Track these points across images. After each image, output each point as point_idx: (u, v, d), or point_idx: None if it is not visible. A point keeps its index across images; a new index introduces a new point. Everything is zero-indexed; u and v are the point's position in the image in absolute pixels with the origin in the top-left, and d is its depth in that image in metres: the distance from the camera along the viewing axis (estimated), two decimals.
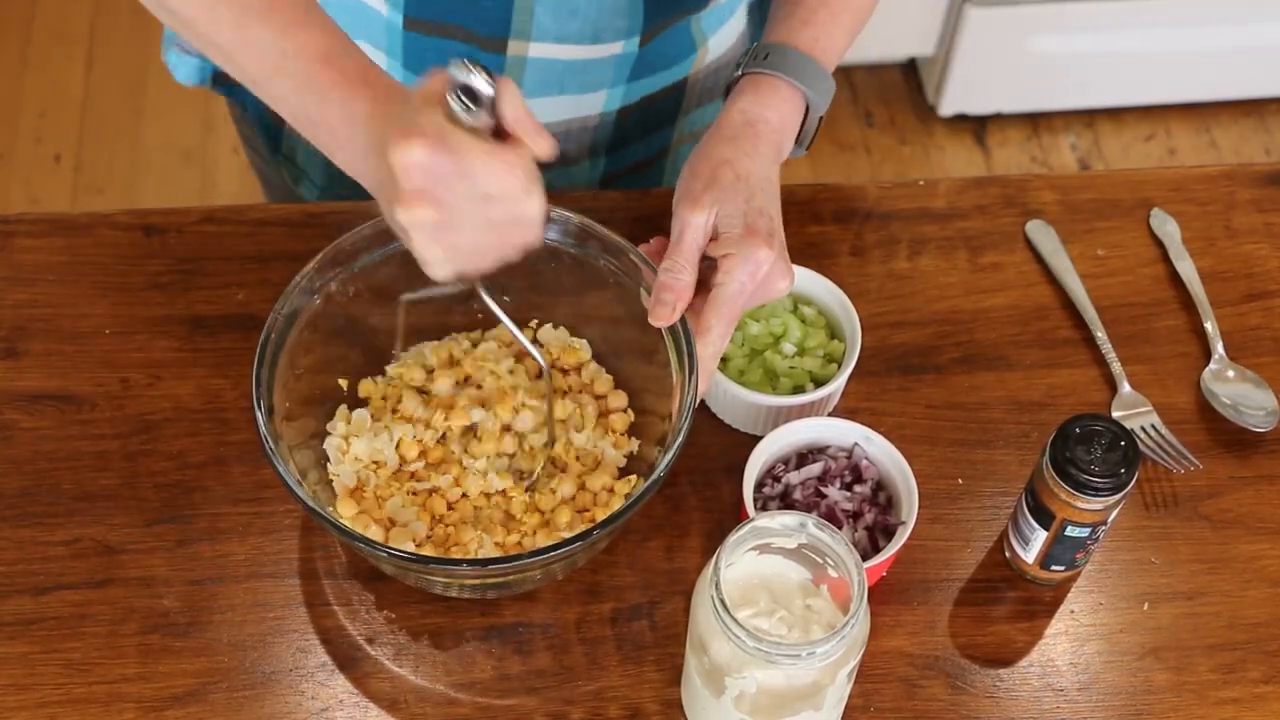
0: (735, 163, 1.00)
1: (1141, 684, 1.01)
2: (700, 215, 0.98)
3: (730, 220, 0.98)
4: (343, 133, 0.91)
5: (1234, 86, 2.56)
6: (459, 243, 0.87)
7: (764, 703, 0.88)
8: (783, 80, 1.04)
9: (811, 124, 1.07)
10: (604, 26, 1.13)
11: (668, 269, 0.98)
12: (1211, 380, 1.14)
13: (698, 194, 0.99)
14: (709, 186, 0.99)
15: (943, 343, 1.16)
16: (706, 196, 0.98)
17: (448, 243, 0.87)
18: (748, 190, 0.99)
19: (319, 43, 0.92)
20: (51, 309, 1.14)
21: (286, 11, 0.92)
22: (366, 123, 0.89)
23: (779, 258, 0.98)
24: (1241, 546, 1.07)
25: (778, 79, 1.04)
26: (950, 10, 2.39)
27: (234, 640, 1.00)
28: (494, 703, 0.98)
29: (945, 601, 1.04)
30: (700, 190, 0.99)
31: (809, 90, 1.05)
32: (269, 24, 0.92)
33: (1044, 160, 2.53)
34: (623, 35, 1.14)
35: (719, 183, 0.99)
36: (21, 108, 2.51)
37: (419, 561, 0.94)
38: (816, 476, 1.04)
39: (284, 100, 0.94)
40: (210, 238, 1.17)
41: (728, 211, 0.98)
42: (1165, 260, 1.21)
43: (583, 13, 1.11)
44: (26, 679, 0.98)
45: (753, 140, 1.02)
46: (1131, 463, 0.95)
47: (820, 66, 1.06)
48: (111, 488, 1.06)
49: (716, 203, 0.98)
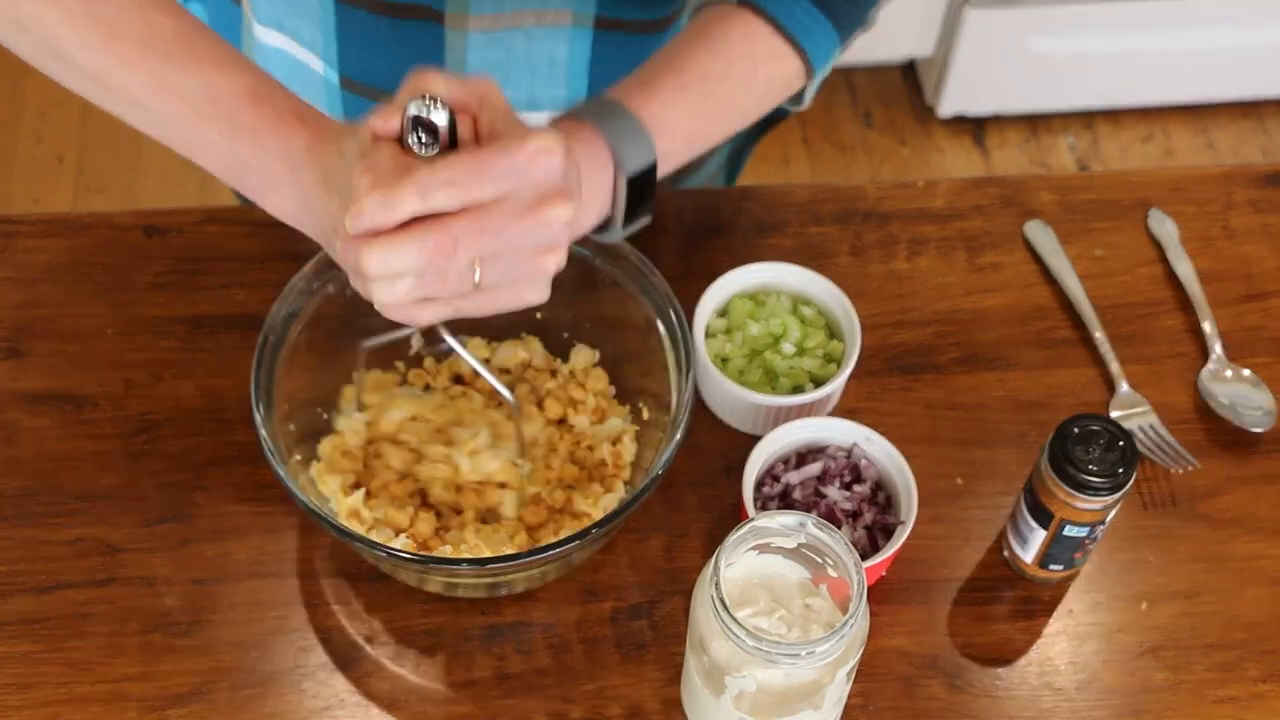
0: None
1: (1140, 683, 1.01)
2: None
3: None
4: (280, 172, 0.87)
5: (1232, 88, 2.56)
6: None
7: (764, 702, 0.88)
8: (587, 124, 0.91)
9: (622, 189, 0.92)
10: (540, 95, 1.10)
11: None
12: (1209, 380, 1.14)
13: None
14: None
15: (942, 343, 1.16)
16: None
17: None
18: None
19: (245, 83, 0.88)
20: (53, 309, 1.14)
21: (206, 57, 0.88)
22: (306, 158, 0.86)
23: (565, 178, 0.83)
24: (1239, 546, 1.07)
25: (581, 122, 0.91)
26: (949, 11, 2.39)
27: (235, 639, 1.00)
28: (494, 702, 0.98)
29: (944, 601, 1.04)
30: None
31: (612, 138, 0.91)
32: (188, 68, 0.88)
33: (1043, 161, 2.53)
34: (561, 105, 1.10)
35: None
36: (23, 108, 2.51)
37: (418, 561, 0.95)
38: (816, 476, 1.04)
39: (212, 146, 0.88)
40: (211, 238, 1.18)
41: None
42: (1163, 260, 1.21)
43: (515, 79, 1.08)
44: (29, 678, 0.98)
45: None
46: (1130, 462, 0.96)
47: (639, 124, 0.92)
48: (113, 487, 1.06)
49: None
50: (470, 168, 0.80)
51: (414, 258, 0.80)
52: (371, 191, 0.79)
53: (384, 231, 0.80)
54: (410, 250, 0.80)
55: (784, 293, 1.13)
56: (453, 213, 0.80)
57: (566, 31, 1.07)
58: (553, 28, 1.06)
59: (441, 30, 1.05)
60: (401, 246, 0.80)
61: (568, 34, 1.07)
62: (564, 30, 1.07)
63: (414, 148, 0.80)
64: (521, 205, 0.81)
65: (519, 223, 0.81)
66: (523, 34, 1.06)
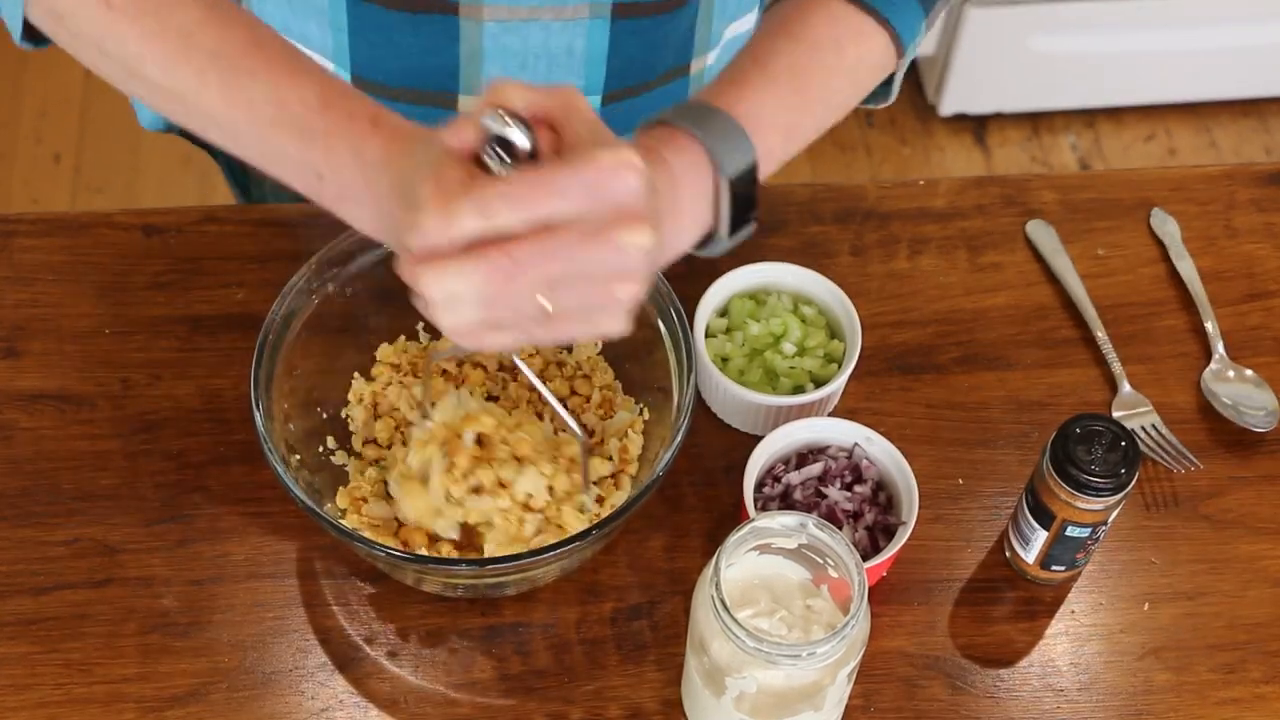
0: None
1: (1142, 684, 1.01)
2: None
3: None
4: (354, 181, 0.83)
5: (1234, 86, 2.56)
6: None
7: (764, 703, 0.88)
8: (680, 129, 0.87)
9: (725, 195, 0.88)
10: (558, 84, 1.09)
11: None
12: (1212, 380, 1.14)
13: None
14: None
15: (943, 342, 1.16)
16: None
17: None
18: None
19: (315, 88, 0.85)
20: (51, 309, 1.14)
21: (276, 63, 0.85)
22: (380, 164, 0.82)
23: (646, 196, 0.76)
24: (1242, 546, 1.07)
25: (674, 127, 0.88)
26: (950, 10, 2.39)
27: (234, 640, 1.00)
28: (494, 703, 0.98)
29: (945, 601, 1.04)
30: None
31: (708, 140, 0.87)
32: (258, 77, 0.85)
33: (1044, 160, 2.53)
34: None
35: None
36: (21, 107, 2.51)
37: (416, 561, 0.94)
38: (817, 476, 1.04)
39: (286, 158, 0.85)
40: (210, 238, 1.17)
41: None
42: (1165, 260, 1.21)
43: (532, 69, 1.06)
44: (26, 679, 0.98)
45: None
46: (1132, 463, 0.95)
47: (734, 123, 0.88)
48: (111, 487, 1.06)
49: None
50: (535, 183, 0.73)
51: (472, 281, 0.74)
52: (431, 206, 0.74)
53: (444, 252, 0.74)
54: (467, 272, 0.74)
55: (784, 292, 1.13)
56: (518, 234, 0.74)
57: (584, 23, 1.06)
58: (571, 20, 1.05)
59: (456, 22, 1.04)
60: (459, 269, 0.74)
61: (585, 25, 1.06)
62: (582, 22, 1.05)
63: (491, 165, 0.75)
64: (593, 228, 0.74)
65: (589, 247, 0.74)
66: (540, 25, 1.04)
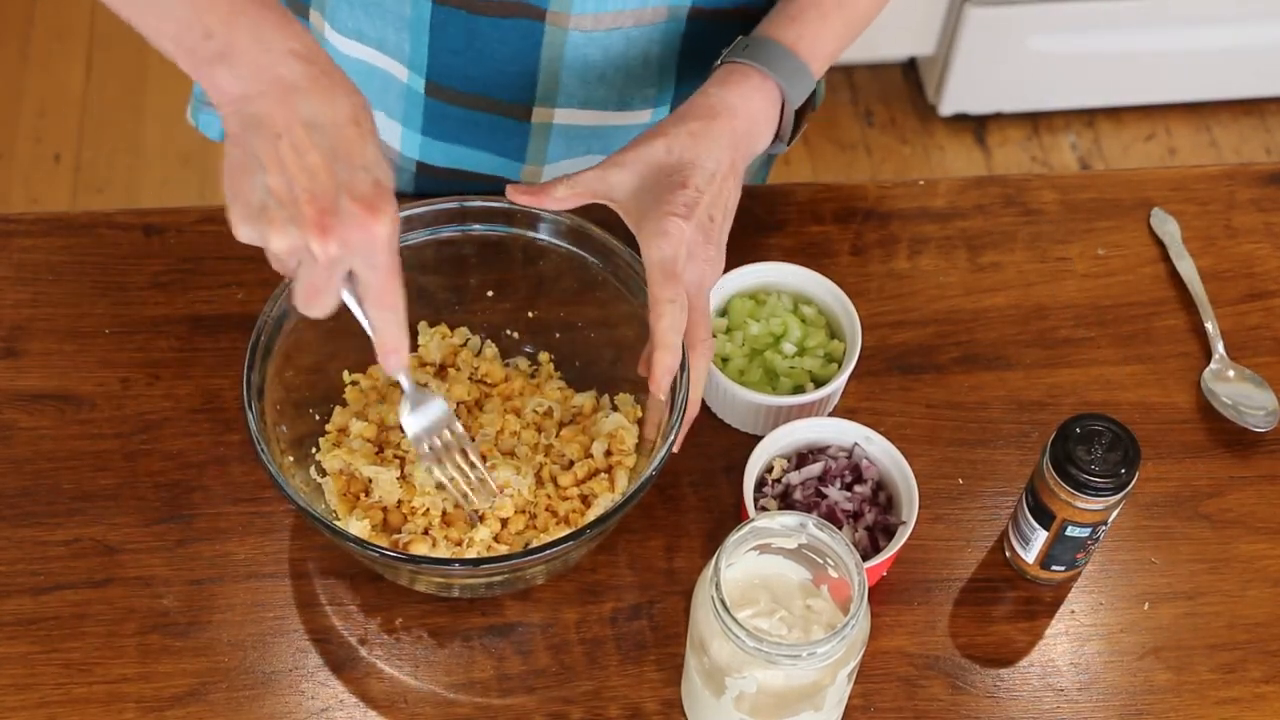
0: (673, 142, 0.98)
1: (1142, 684, 1.01)
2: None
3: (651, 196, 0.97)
4: (248, 48, 0.82)
5: (1234, 86, 2.56)
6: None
7: (764, 703, 0.88)
8: (755, 69, 1.02)
9: (789, 119, 1.05)
10: (632, 95, 1.12)
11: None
12: (1212, 380, 1.14)
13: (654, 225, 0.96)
14: (658, 202, 0.97)
15: (942, 342, 1.16)
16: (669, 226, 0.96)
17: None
18: (681, 172, 0.97)
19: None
20: (51, 308, 1.14)
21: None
22: (292, 61, 0.83)
23: (699, 234, 0.96)
24: (1242, 546, 1.07)
25: (750, 68, 1.02)
26: (950, 10, 2.39)
27: (234, 640, 1.00)
28: (494, 703, 0.98)
29: (945, 601, 1.04)
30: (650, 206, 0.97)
31: (782, 82, 1.03)
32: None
33: (1044, 160, 2.53)
34: (651, 104, 1.14)
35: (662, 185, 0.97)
36: (21, 107, 2.51)
37: (410, 561, 0.94)
38: (817, 476, 1.04)
39: (173, 4, 0.83)
40: (210, 237, 1.17)
41: (651, 187, 0.97)
42: (1165, 260, 1.21)
43: (610, 80, 1.10)
44: (26, 679, 0.98)
45: (706, 122, 0.99)
46: (1132, 462, 0.95)
47: (800, 62, 1.04)
48: (111, 487, 1.05)
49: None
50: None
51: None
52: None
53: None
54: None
55: (784, 292, 1.13)
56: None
57: (660, 27, 1.09)
58: (650, 26, 1.08)
59: (541, 29, 1.06)
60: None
61: (661, 29, 1.09)
62: (659, 26, 1.09)
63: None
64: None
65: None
66: (622, 34, 1.08)
